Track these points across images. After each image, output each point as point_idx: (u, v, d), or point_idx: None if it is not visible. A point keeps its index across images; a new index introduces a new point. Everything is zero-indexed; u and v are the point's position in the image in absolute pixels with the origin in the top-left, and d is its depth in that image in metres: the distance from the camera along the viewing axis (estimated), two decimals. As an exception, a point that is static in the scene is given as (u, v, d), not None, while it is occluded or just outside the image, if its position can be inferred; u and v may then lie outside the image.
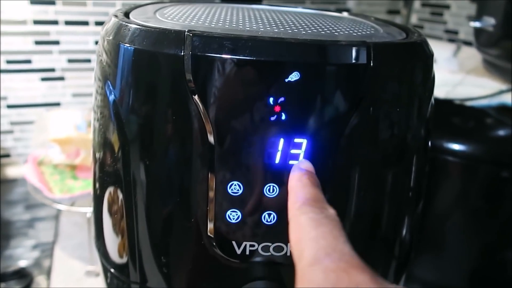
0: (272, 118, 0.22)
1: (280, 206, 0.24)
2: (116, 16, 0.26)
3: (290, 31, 0.25)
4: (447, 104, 0.49)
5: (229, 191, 0.23)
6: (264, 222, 0.24)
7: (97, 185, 0.30)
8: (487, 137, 0.43)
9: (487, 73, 0.57)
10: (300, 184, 0.20)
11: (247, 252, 0.25)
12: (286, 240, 0.24)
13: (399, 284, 0.33)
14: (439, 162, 0.43)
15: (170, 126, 0.23)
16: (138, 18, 0.26)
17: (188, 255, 0.26)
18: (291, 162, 0.23)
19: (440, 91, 0.52)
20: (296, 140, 0.22)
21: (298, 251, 0.17)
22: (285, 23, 0.28)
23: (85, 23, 0.80)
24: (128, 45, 0.23)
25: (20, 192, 0.78)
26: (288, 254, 0.25)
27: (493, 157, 0.42)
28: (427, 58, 0.26)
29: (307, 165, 0.22)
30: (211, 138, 0.23)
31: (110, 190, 0.28)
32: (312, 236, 0.17)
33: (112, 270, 0.30)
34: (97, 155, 0.29)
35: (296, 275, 0.17)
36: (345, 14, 0.38)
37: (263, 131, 0.22)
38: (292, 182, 0.21)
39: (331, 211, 0.19)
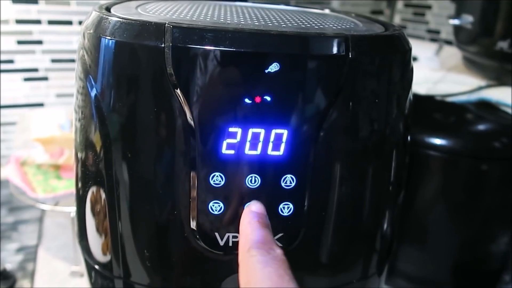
0: (253, 109, 0.22)
1: (262, 197, 0.24)
2: (96, 10, 0.26)
3: (271, 24, 0.25)
4: (428, 100, 0.50)
5: (211, 182, 0.24)
6: (247, 213, 0.24)
7: (80, 183, 0.29)
8: (467, 131, 0.44)
9: (467, 70, 0.58)
10: (249, 226, 0.22)
11: (230, 244, 0.25)
12: (268, 231, 0.25)
13: (382, 276, 0.33)
14: (421, 156, 0.44)
15: (152, 119, 0.23)
16: (120, 13, 0.26)
17: (171, 248, 0.26)
18: (272, 153, 0.23)
19: (421, 88, 0.53)
20: (277, 131, 0.23)
21: None
22: (267, 18, 0.28)
23: (69, 22, 0.79)
24: (109, 37, 0.23)
25: (2, 194, 0.76)
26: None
27: (473, 150, 0.43)
28: (405, 50, 0.26)
29: (258, 207, 0.23)
30: (193, 130, 0.23)
31: (93, 187, 0.28)
32: (259, 278, 0.19)
33: (96, 266, 0.30)
34: (80, 154, 0.28)
35: None
36: (327, 11, 0.39)
37: (244, 122, 0.22)
38: (242, 225, 0.23)
39: (278, 251, 0.20)
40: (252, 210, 0.23)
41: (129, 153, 0.25)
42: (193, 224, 0.25)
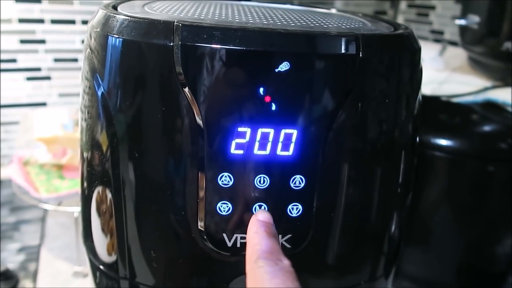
0: (263, 109, 0.22)
1: (271, 197, 0.24)
2: (103, 8, 0.26)
3: (279, 23, 0.25)
4: (433, 101, 0.49)
5: (220, 183, 0.23)
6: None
7: (85, 183, 0.29)
8: (473, 132, 0.44)
9: (472, 71, 0.58)
10: (257, 236, 0.22)
11: (238, 245, 0.25)
12: (278, 232, 0.24)
13: (389, 278, 0.33)
14: (427, 157, 0.43)
15: (160, 118, 0.23)
16: (127, 11, 0.26)
17: (178, 249, 0.26)
18: (281, 153, 0.23)
19: (426, 89, 0.52)
20: (287, 130, 0.22)
21: None
22: (274, 17, 0.28)
23: (72, 21, 0.79)
24: (117, 36, 0.23)
25: (5, 194, 0.76)
26: (279, 245, 0.25)
27: (479, 152, 0.42)
28: (415, 50, 0.26)
29: (265, 216, 0.23)
30: (201, 130, 0.22)
31: (98, 187, 0.28)
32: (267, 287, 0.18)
33: (101, 267, 0.29)
34: (85, 154, 0.28)
35: None
36: (333, 10, 0.39)
37: (253, 122, 0.22)
38: (249, 234, 0.22)
39: (286, 262, 0.20)
40: (259, 219, 0.23)
41: (136, 152, 0.24)
42: (200, 225, 0.24)
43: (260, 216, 0.23)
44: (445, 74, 0.57)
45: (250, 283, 0.20)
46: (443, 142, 0.43)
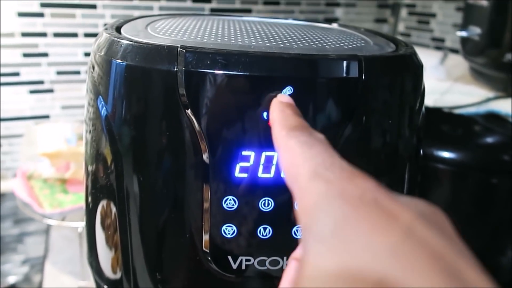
0: (266, 133, 0.22)
1: (276, 220, 0.24)
2: (107, 30, 0.26)
3: (282, 45, 0.25)
4: (436, 112, 0.49)
5: (224, 206, 0.23)
6: (260, 236, 0.24)
7: (90, 198, 0.29)
8: (476, 144, 0.44)
9: (474, 81, 0.58)
10: (283, 114, 0.19)
11: (243, 267, 0.25)
12: (282, 254, 0.24)
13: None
14: (430, 169, 0.43)
15: (164, 142, 0.23)
16: (130, 33, 0.26)
17: (183, 270, 0.26)
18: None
19: (428, 99, 0.52)
20: (290, 154, 0.22)
21: (293, 174, 0.16)
22: (277, 37, 0.28)
23: (74, 35, 0.79)
24: (120, 61, 0.23)
25: (8, 206, 0.77)
26: (285, 267, 0.25)
27: (482, 164, 0.42)
28: (417, 68, 0.26)
29: (288, 99, 0.21)
30: (204, 153, 0.23)
31: (103, 203, 0.28)
32: (307, 156, 0.16)
33: (105, 287, 0.29)
34: (90, 168, 0.28)
35: (294, 197, 0.16)
36: (334, 25, 0.39)
37: (257, 145, 0.22)
38: (274, 114, 0.20)
39: (320, 135, 0.18)
40: (283, 101, 0.21)
41: (141, 175, 0.24)
42: (205, 247, 0.24)
43: (283, 99, 0.21)
44: (447, 84, 0.58)
45: (285, 155, 0.17)
46: (446, 154, 0.43)
